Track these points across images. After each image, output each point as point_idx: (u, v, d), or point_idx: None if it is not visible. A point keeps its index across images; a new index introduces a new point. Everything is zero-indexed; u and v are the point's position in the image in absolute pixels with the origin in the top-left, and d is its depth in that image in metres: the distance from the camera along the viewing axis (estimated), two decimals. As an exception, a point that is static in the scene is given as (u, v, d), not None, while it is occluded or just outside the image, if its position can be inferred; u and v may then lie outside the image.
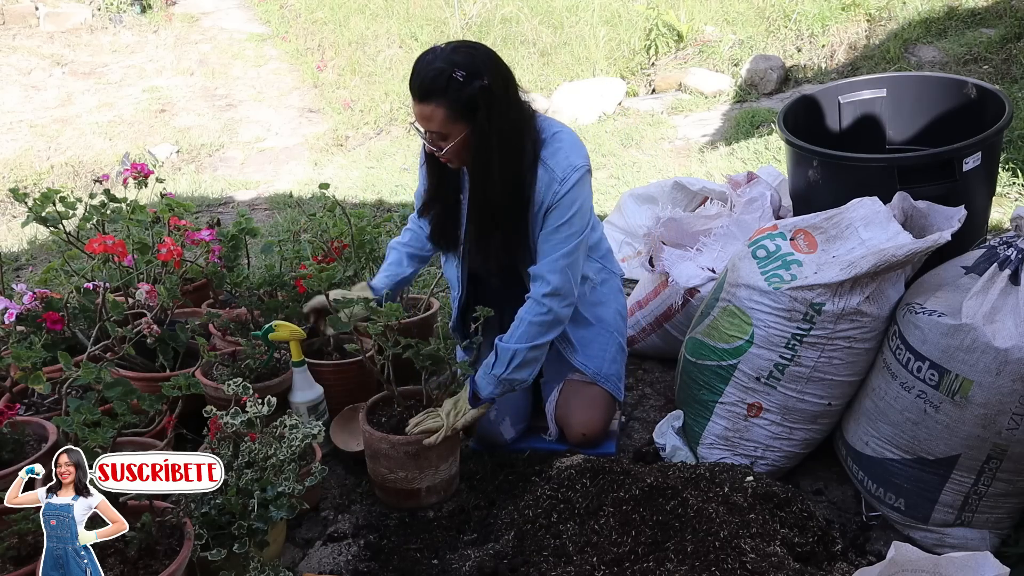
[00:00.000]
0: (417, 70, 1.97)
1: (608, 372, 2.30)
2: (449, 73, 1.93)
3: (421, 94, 1.96)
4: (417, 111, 2.00)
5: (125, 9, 8.32)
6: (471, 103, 1.95)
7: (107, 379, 1.79)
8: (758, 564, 1.62)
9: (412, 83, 1.98)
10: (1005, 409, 1.74)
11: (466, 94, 1.94)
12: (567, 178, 2.04)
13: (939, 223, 2.08)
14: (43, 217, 2.37)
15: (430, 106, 1.96)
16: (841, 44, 5.91)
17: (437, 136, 2.00)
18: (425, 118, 1.98)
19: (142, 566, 1.59)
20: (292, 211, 4.58)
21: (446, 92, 1.93)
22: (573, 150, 2.08)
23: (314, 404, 2.26)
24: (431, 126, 1.99)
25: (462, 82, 1.93)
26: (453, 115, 1.96)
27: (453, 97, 1.94)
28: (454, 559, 1.91)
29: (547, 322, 2.08)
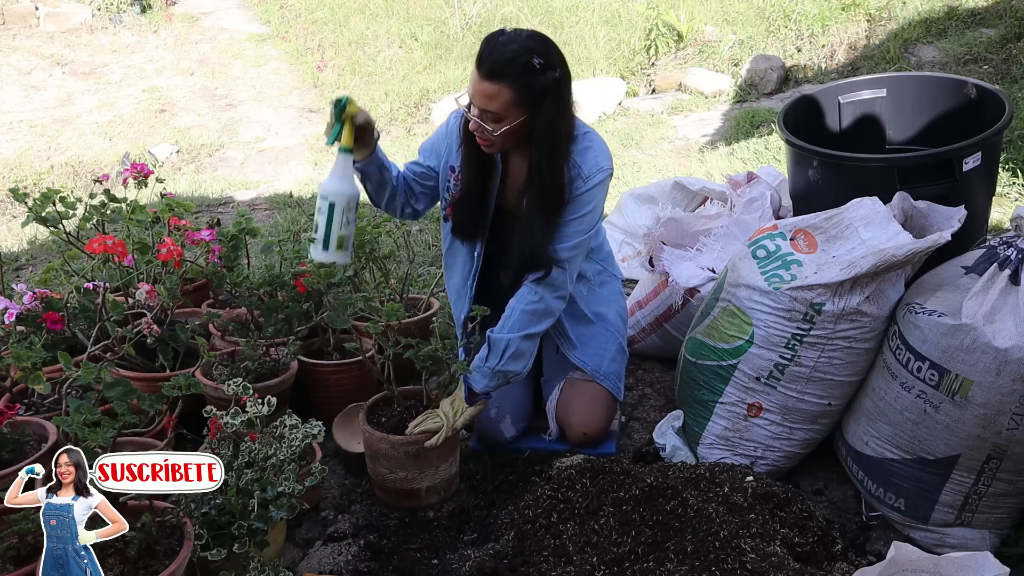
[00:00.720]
0: (490, 48, 1.92)
1: (608, 370, 2.30)
2: (526, 59, 1.91)
3: (491, 72, 1.91)
4: (480, 88, 1.94)
5: (125, 9, 8.32)
6: (540, 93, 1.95)
7: (107, 379, 1.79)
8: (758, 564, 1.62)
9: (483, 60, 1.93)
10: (1005, 409, 1.74)
11: (538, 83, 1.94)
12: (591, 176, 2.07)
13: (939, 223, 2.08)
14: (43, 217, 2.37)
15: (497, 86, 1.92)
16: (841, 44, 5.91)
17: (491, 117, 1.96)
18: (487, 96, 1.94)
19: (142, 566, 1.59)
20: (292, 211, 4.58)
21: (519, 76, 1.91)
22: (601, 152, 2.11)
23: (344, 201, 1.95)
24: (490, 105, 1.95)
25: (537, 70, 1.93)
26: (518, 100, 1.94)
27: (524, 83, 1.92)
28: (454, 559, 1.91)
29: (539, 311, 2.10)
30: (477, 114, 1.98)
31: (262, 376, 2.24)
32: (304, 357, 2.40)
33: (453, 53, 7.01)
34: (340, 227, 1.95)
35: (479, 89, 1.95)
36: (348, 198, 1.95)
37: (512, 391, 2.30)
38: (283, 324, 2.40)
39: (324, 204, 1.95)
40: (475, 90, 1.96)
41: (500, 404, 2.28)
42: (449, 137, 2.22)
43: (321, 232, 1.96)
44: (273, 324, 2.38)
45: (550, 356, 2.38)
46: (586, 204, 2.08)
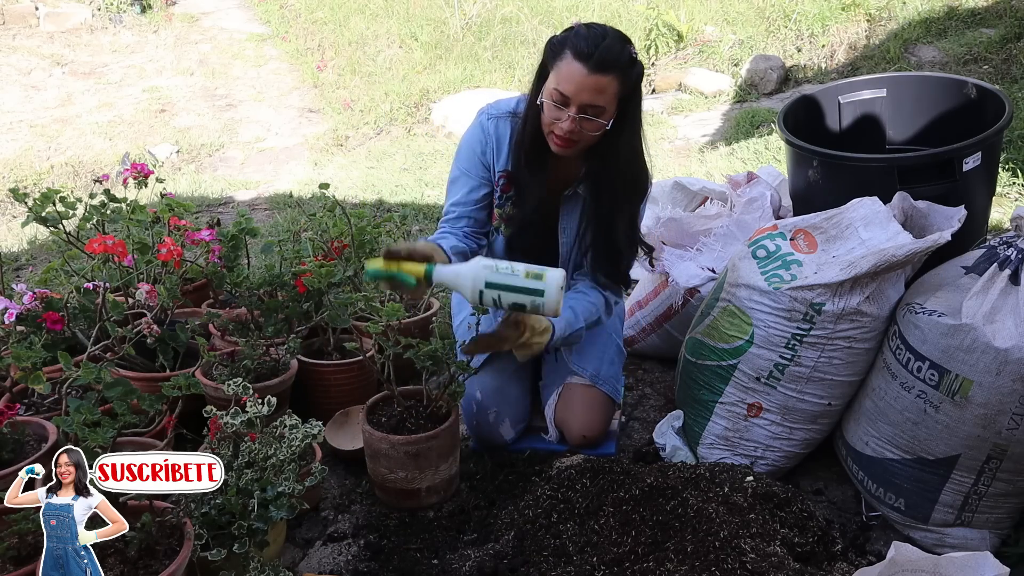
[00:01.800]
0: (592, 41, 1.87)
1: (607, 374, 2.30)
2: (629, 51, 1.90)
3: (601, 64, 1.86)
4: (589, 82, 1.86)
5: (125, 9, 8.32)
6: (636, 84, 1.95)
7: (107, 379, 1.79)
8: (758, 564, 1.62)
9: (586, 50, 1.86)
10: (1005, 409, 1.74)
11: (635, 75, 1.94)
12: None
13: (939, 223, 2.08)
14: (43, 217, 2.37)
15: (607, 77, 1.87)
16: (841, 44, 5.91)
17: (594, 112, 1.91)
18: (598, 90, 1.87)
19: (142, 566, 1.59)
20: (292, 211, 4.58)
21: (624, 68, 1.89)
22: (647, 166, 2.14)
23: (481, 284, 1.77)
24: (599, 99, 1.88)
25: (635, 60, 1.92)
26: (619, 92, 1.92)
27: (627, 74, 1.91)
28: (454, 559, 1.91)
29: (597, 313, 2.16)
30: (575, 112, 1.91)
31: (262, 376, 2.24)
32: (304, 357, 2.40)
33: (453, 53, 7.00)
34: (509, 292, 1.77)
35: (588, 83, 1.87)
36: (482, 286, 1.77)
37: (511, 394, 2.31)
38: (283, 324, 2.40)
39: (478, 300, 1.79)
40: (583, 85, 1.87)
41: (499, 407, 2.28)
42: (493, 141, 2.13)
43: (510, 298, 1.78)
44: (273, 324, 2.38)
45: (549, 361, 2.38)
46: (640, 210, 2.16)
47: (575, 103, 1.90)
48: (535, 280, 1.73)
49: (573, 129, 1.92)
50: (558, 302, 1.74)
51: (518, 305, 1.78)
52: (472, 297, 1.79)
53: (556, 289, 1.73)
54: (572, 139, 1.95)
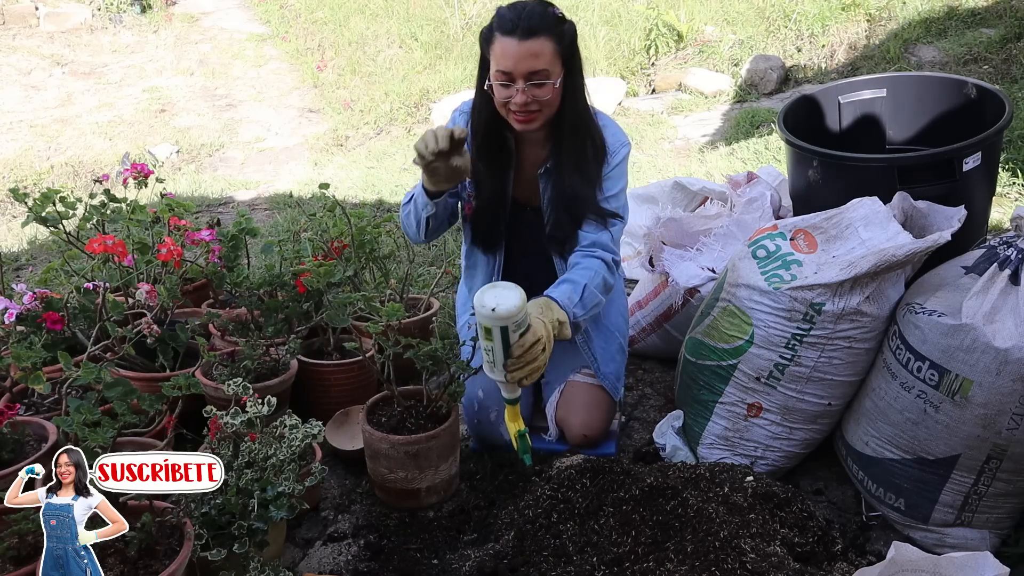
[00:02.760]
0: (515, 13, 1.91)
1: (607, 371, 2.30)
2: (552, 11, 1.92)
3: (528, 30, 1.89)
4: (523, 50, 1.89)
5: (125, 9, 8.33)
6: (571, 41, 1.96)
7: (107, 379, 1.79)
8: (758, 564, 1.62)
9: (514, 24, 1.89)
10: (1005, 409, 1.74)
11: (567, 32, 1.95)
12: (617, 152, 2.12)
13: (939, 223, 2.08)
14: (43, 217, 2.37)
15: (539, 41, 1.90)
16: (841, 44, 5.91)
17: (540, 76, 1.93)
18: (533, 55, 1.90)
19: (142, 566, 1.59)
20: (292, 211, 4.58)
21: (553, 28, 1.91)
22: (618, 128, 2.17)
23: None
24: (538, 63, 1.91)
25: (561, 18, 1.94)
26: (558, 52, 1.93)
27: (559, 33, 1.93)
28: (454, 559, 1.91)
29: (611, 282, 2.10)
30: (522, 84, 1.94)
31: (262, 376, 2.24)
32: (304, 357, 2.40)
33: (453, 53, 7.00)
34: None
35: (523, 51, 1.90)
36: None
37: None
38: (283, 324, 2.40)
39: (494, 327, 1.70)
40: (518, 55, 1.91)
41: (499, 407, 2.28)
42: None
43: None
44: (273, 324, 2.38)
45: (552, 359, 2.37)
46: (619, 180, 2.13)
47: (518, 75, 1.93)
48: (489, 333, 1.69)
49: (526, 100, 1.95)
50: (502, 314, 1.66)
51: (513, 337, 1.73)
52: (514, 381, 1.79)
53: (491, 317, 1.66)
54: (530, 110, 1.98)
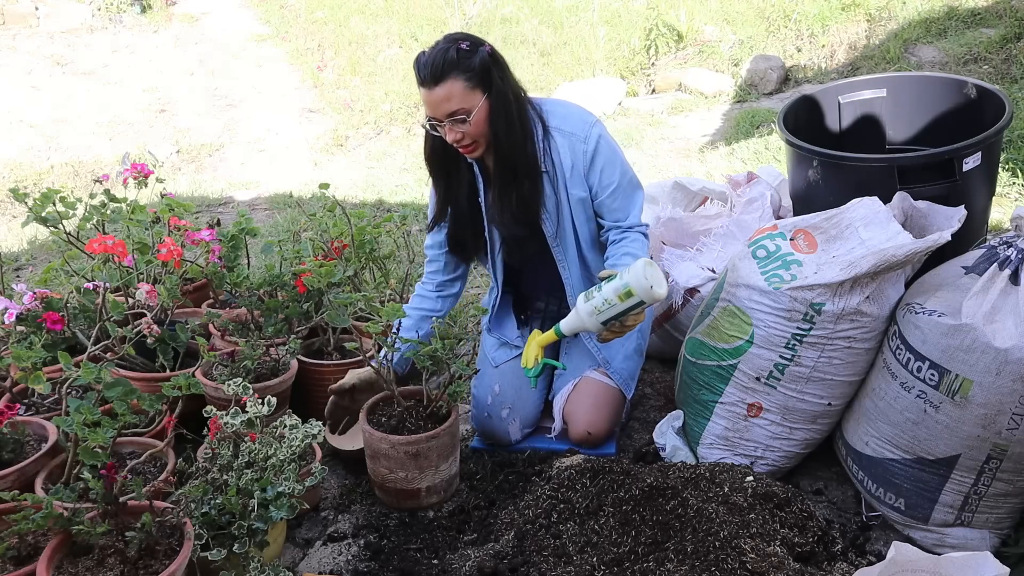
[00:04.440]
0: (422, 62, 1.99)
1: (620, 366, 2.31)
2: (455, 47, 1.97)
3: (434, 77, 1.97)
4: (434, 97, 1.98)
5: (125, 9, 8.32)
6: (484, 69, 2.00)
7: (107, 379, 1.79)
8: (758, 564, 1.62)
9: (421, 73, 1.99)
10: (1005, 409, 1.74)
11: (477, 61, 1.99)
12: (588, 136, 2.14)
13: (939, 223, 2.08)
14: (43, 217, 2.37)
15: (447, 85, 1.97)
16: (841, 44, 5.91)
17: (458, 115, 2.00)
18: (444, 99, 1.98)
19: (142, 566, 1.59)
20: (292, 211, 4.58)
21: (458, 64, 1.97)
22: (578, 112, 2.20)
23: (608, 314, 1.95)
24: (451, 105, 1.99)
25: (469, 50, 1.98)
26: (470, 85, 1.99)
27: (466, 66, 1.97)
28: (454, 559, 1.91)
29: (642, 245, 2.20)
30: (447, 125, 2.02)
31: (262, 376, 2.25)
32: (304, 357, 2.40)
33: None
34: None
35: (434, 98, 1.99)
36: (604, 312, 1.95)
37: (527, 398, 2.34)
38: (283, 324, 2.40)
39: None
40: (432, 102, 2.00)
41: (513, 406, 2.31)
42: None
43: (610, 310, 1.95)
44: (273, 324, 2.38)
45: (572, 351, 2.39)
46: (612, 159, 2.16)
47: (440, 117, 2.02)
48: (628, 298, 1.90)
49: (456, 138, 2.04)
50: (655, 296, 1.90)
51: (635, 311, 1.95)
52: (599, 332, 2.00)
53: (647, 293, 1.88)
54: (466, 144, 2.06)
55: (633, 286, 1.88)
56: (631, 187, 2.22)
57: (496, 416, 2.30)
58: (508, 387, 2.32)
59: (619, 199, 2.19)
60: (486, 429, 2.33)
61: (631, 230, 2.20)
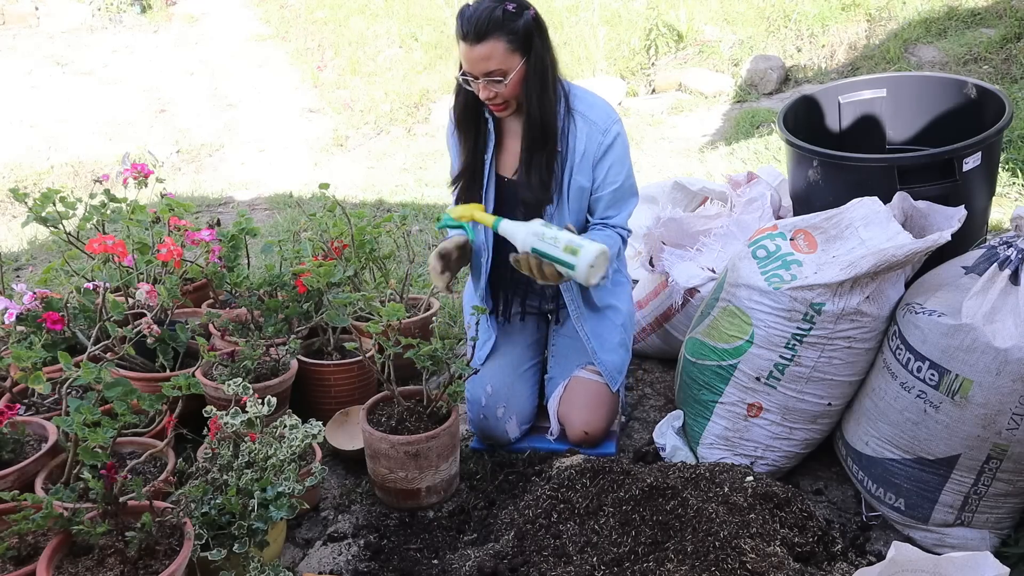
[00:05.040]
0: (466, 16, 1.99)
1: (605, 359, 2.32)
2: (502, 7, 1.98)
3: (477, 34, 1.98)
4: (474, 55, 1.99)
5: (125, 9, 8.32)
6: (527, 33, 2.02)
7: (107, 379, 1.79)
8: (758, 564, 1.62)
9: (464, 28, 1.99)
10: (1005, 409, 1.74)
11: (521, 25, 2.01)
12: (609, 130, 2.16)
13: (939, 223, 2.08)
14: (43, 217, 2.37)
15: (488, 44, 1.98)
16: (841, 44, 5.91)
17: (495, 75, 2.02)
18: (484, 58, 2.00)
19: (142, 566, 1.59)
20: (292, 211, 4.58)
21: (503, 25, 1.98)
22: (603, 104, 2.20)
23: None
24: (490, 65, 2.01)
25: (515, 13, 2.00)
26: (511, 48, 2.01)
27: (510, 29, 1.99)
28: (454, 559, 1.91)
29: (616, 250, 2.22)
30: (483, 83, 2.04)
31: (262, 376, 2.25)
32: (304, 357, 2.40)
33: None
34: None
35: (475, 55, 2.00)
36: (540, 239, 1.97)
37: (521, 392, 2.34)
38: (283, 324, 2.40)
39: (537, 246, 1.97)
40: (471, 59, 2.01)
41: (508, 403, 2.31)
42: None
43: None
44: (273, 324, 2.38)
45: (559, 353, 2.39)
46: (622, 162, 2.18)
47: (476, 74, 2.04)
48: (570, 255, 1.92)
49: (489, 95, 2.07)
50: (587, 276, 1.92)
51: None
52: (520, 254, 2.03)
53: (586, 267, 1.90)
54: (496, 102, 2.09)
55: (582, 254, 1.90)
56: (629, 192, 2.23)
57: (492, 416, 2.30)
58: (500, 385, 2.32)
59: (616, 200, 2.20)
60: (484, 430, 2.33)
61: (614, 229, 2.22)
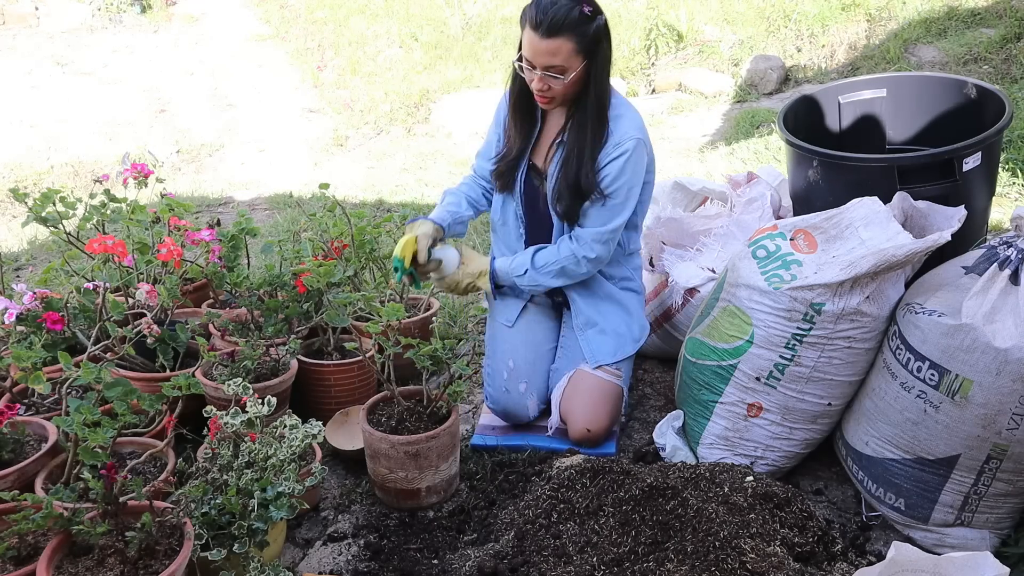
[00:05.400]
0: (542, 6, 2.00)
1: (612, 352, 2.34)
2: (579, 9, 2.00)
3: (551, 28, 1.99)
4: (542, 47, 2.01)
5: (125, 9, 8.32)
6: (596, 38, 2.05)
7: (107, 379, 1.79)
8: (758, 564, 1.62)
9: (537, 18, 2.00)
10: (1005, 409, 1.74)
11: (593, 29, 2.03)
12: (621, 143, 2.16)
13: (939, 223, 2.07)
14: (43, 217, 2.37)
15: (558, 41, 2.00)
16: (841, 44, 5.91)
17: (556, 71, 2.04)
18: (551, 53, 2.02)
19: (142, 566, 1.59)
20: (292, 211, 4.58)
21: (576, 27, 2.00)
22: (633, 119, 2.21)
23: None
24: (554, 60, 2.03)
25: (590, 17, 2.02)
26: (578, 49, 2.03)
27: (582, 32, 2.01)
28: (454, 559, 1.91)
29: (572, 272, 2.28)
30: (540, 74, 2.05)
31: (262, 376, 2.24)
32: (304, 357, 2.40)
33: (453, 53, 7.00)
34: None
35: (541, 48, 2.01)
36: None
37: (541, 372, 2.39)
38: (283, 324, 2.40)
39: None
40: (536, 50, 2.02)
41: (529, 380, 2.36)
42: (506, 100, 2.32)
43: None
44: (273, 324, 2.38)
45: (564, 345, 2.40)
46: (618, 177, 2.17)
47: (537, 66, 2.06)
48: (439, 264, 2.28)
49: (542, 87, 2.09)
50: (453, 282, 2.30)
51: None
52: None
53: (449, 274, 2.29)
54: (546, 95, 2.11)
55: (446, 264, 2.28)
56: (618, 210, 2.22)
57: (515, 391, 2.33)
58: (522, 361, 2.36)
59: (602, 214, 2.21)
60: (504, 406, 2.36)
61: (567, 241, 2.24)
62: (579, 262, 2.25)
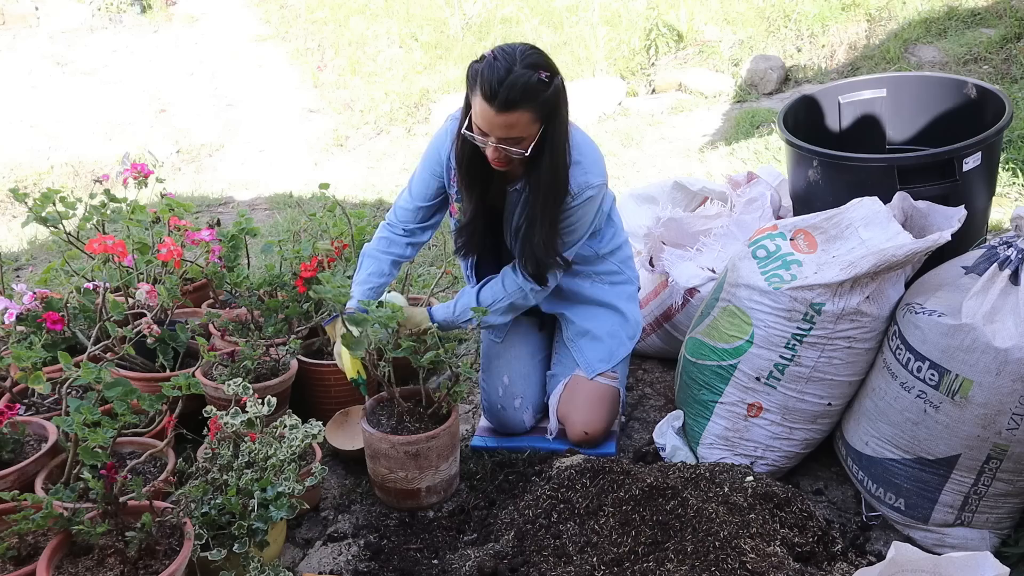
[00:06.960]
0: (495, 80, 1.87)
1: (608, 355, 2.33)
2: (537, 78, 1.89)
3: (507, 103, 1.87)
4: (499, 121, 1.89)
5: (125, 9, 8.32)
6: (553, 103, 1.93)
7: (107, 379, 1.79)
8: (758, 564, 1.62)
9: (491, 90, 1.87)
10: (1005, 409, 1.74)
11: (550, 95, 1.92)
12: (580, 194, 2.08)
13: (939, 223, 2.08)
14: (43, 217, 2.37)
15: (515, 114, 1.89)
16: (841, 44, 5.91)
17: (512, 142, 1.94)
18: (508, 126, 1.90)
19: (142, 566, 1.59)
20: (292, 211, 4.58)
21: (535, 96, 1.89)
22: (593, 167, 2.10)
23: None
24: (512, 133, 1.92)
25: (547, 83, 1.91)
26: (535, 116, 1.92)
27: (540, 100, 1.90)
28: (454, 559, 1.91)
29: (521, 305, 2.25)
30: (494, 144, 1.95)
31: (262, 376, 2.25)
32: (304, 357, 2.40)
33: (453, 53, 7.00)
34: None
35: (498, 122, 1.90)
36: None
37: (536, 383, 2.38)
38: (283, 324, 2.40)
39: None
40: (492, 123, 1.91)
41: (525, 394, 2.35)
42: (450, 141, 2.18)
43: None
44: (273, 324, 2.38)
45: (560, 351, 2.40)
46: (575, 221, 2.12)
47: (492, 136, 1.94)
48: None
49: (497, 157, 1.98)
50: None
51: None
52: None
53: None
54: (502, 161, 2.00)
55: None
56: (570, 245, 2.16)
57: (510, 407, 2.34)
58: (517, 377, 2.36)
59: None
60: (500, 421, 2.37)
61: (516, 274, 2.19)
62: (527, 295, 2.20)
